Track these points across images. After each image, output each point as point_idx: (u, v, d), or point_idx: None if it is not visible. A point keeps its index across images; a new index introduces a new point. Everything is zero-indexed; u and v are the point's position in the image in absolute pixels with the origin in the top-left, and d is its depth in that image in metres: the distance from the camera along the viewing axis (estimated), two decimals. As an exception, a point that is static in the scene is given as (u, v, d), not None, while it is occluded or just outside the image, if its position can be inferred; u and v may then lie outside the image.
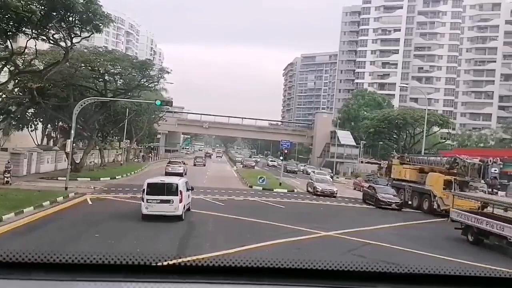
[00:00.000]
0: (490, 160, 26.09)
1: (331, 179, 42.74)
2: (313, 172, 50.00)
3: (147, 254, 1.97)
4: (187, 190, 19.39)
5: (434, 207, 27.01)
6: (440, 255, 14.57)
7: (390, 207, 27.94)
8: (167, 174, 35.51)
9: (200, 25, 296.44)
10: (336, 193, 32.97)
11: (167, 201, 17.50)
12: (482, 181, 26.12)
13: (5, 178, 25.69)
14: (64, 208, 19.68)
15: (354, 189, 43.24)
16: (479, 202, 20.71)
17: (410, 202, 30.31)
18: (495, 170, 26.30)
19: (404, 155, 37.66)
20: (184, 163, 45.28)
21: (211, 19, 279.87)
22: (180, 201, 17.70)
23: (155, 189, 17.83)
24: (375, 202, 28.97)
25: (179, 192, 17.78)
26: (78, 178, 31.08)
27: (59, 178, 29.67)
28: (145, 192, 17.63)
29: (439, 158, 31.96)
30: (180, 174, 35.42)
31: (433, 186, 27.68)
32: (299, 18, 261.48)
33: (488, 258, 14.82)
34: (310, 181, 36.77)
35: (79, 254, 1.89)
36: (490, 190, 26.63)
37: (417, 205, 29.44)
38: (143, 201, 17.57)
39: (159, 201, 17.46)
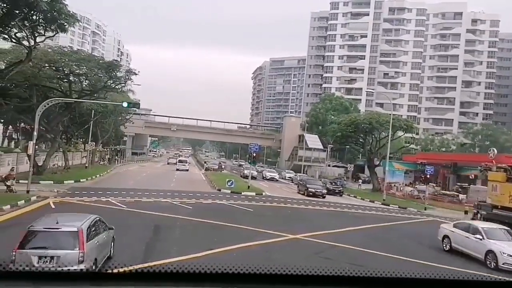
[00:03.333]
0: None
1: None
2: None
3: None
4: (189, 163, 65.83)
5: None
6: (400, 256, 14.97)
7: None
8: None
9: (169, 26, 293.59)
10: None
11: (184, 165, 59.85)
12: None
13: (11, 186, 24.31)
14: (25, 212, 19.03)
15: None
16: None
17: None
18: None
19: None
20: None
21: (180, 21, 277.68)
22: (188, 165, 62.86)
23: (181, 161, 63.33)
24: None
25: (188, 163, 65.54)
26: (40, 181, 30.15)
27: (20, 181, 28.62)
28: (177, 162, 63.27)
29: None
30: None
31: None
32: (268, 22, 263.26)
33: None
34: None
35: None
36: None
37: None
38: (177, 165, 60.51)
39: (181, 165, 59.98)
